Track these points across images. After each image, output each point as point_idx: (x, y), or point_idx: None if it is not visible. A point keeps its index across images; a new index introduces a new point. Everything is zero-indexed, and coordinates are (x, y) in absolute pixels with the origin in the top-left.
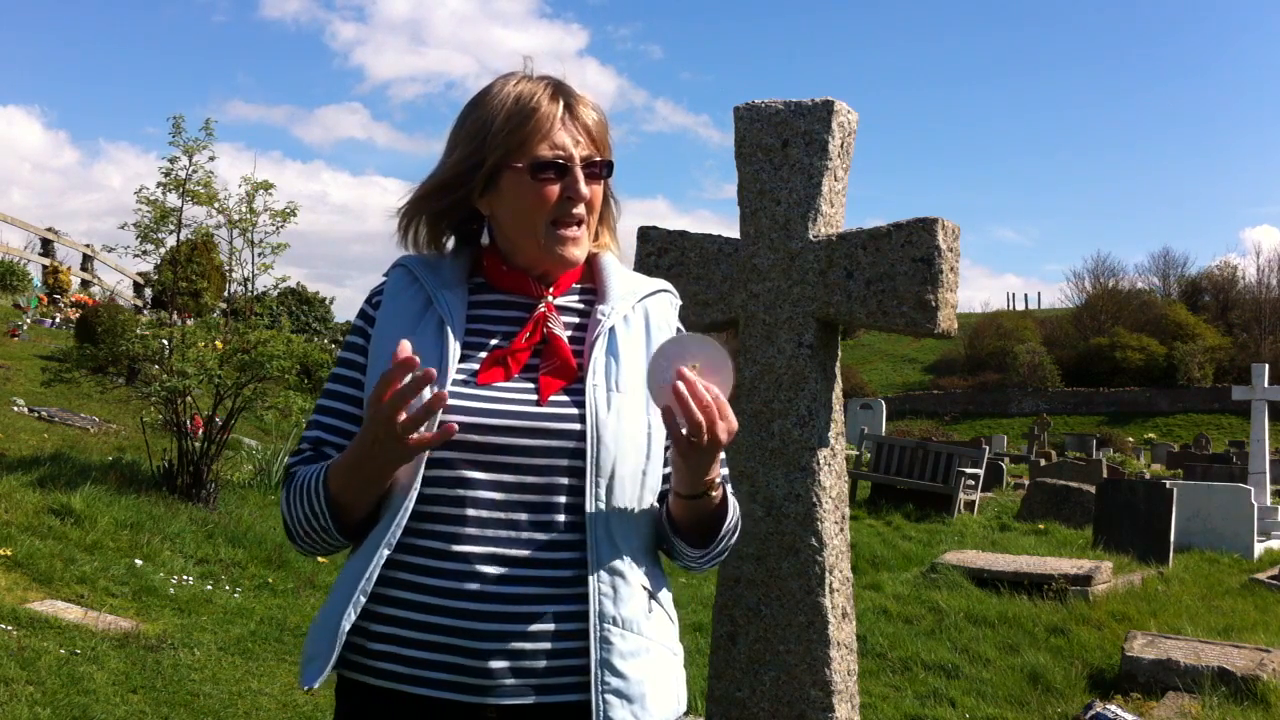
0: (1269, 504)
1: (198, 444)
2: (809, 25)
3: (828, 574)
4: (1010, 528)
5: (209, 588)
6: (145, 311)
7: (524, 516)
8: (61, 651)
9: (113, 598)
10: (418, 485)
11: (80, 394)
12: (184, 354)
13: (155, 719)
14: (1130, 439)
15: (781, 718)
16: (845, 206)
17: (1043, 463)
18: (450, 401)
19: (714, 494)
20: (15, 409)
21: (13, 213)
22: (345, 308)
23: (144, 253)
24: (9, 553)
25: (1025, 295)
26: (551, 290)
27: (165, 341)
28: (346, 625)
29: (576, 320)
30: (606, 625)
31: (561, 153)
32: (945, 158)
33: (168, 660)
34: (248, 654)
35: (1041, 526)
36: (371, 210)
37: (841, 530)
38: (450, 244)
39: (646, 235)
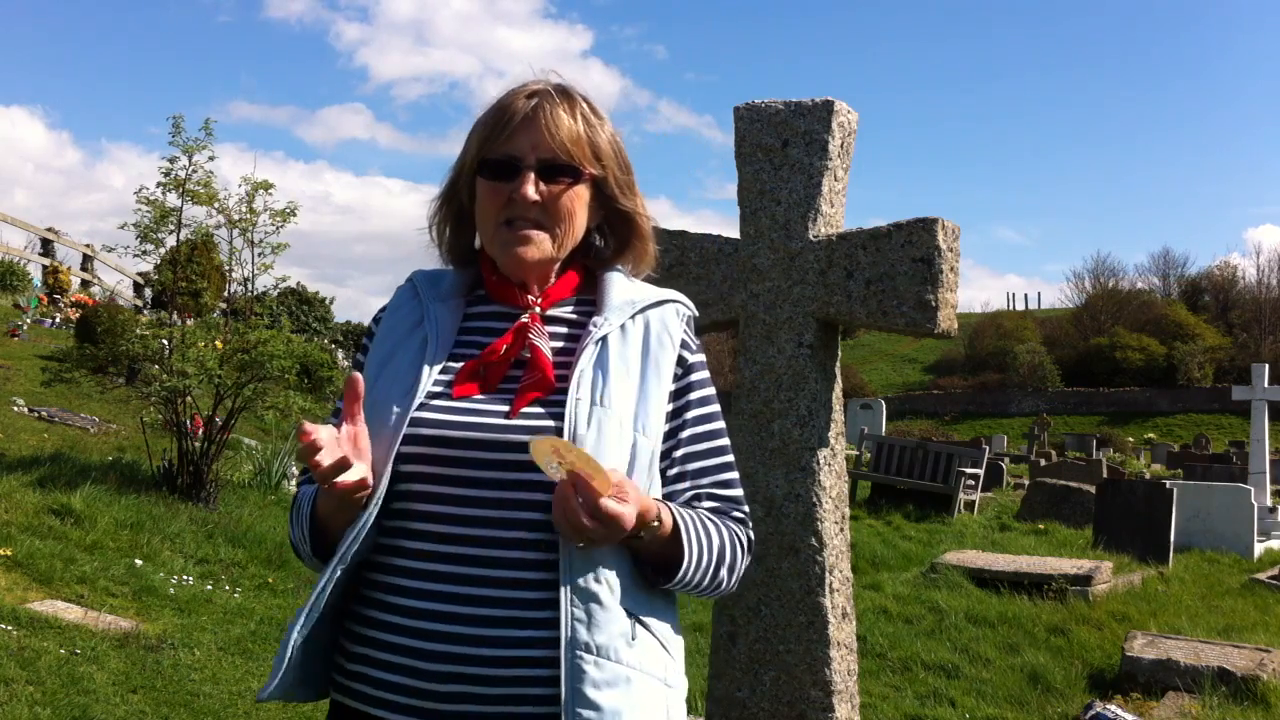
0: (1269, 504)
1: (198, 444)
2: (810, 25)
3: (828, 574)
4: (1010, 528)
5: (209, 588)
6: (145, 311)
7: (491, 533)
8: (61, 651)
9: (113, 598)
10: (377, 503)
11: (80, 394)
12: (184, 354)
13: (155, 719)
14: (1130, 439)
15: (781, 717)
16: (845, 206)
17: (1043, 463)
18: (420, 414)
19: (645, 535)
20: (15, 409)
21: (15, 213)
22: (345, 308)
23: (144, 253)
24: (9, 553)
25: (1025, 295)
26: (539, 300)
27: (165, 341)
28: (298, 639)
29: (568, 331)
30: (578, 652)
31: (513, 153)
32: (945, 158)
33: (168, 660)
34: (248, 654)
35: (1041, 526)
36: (374, 211)
37: (841, 530)
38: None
39: None
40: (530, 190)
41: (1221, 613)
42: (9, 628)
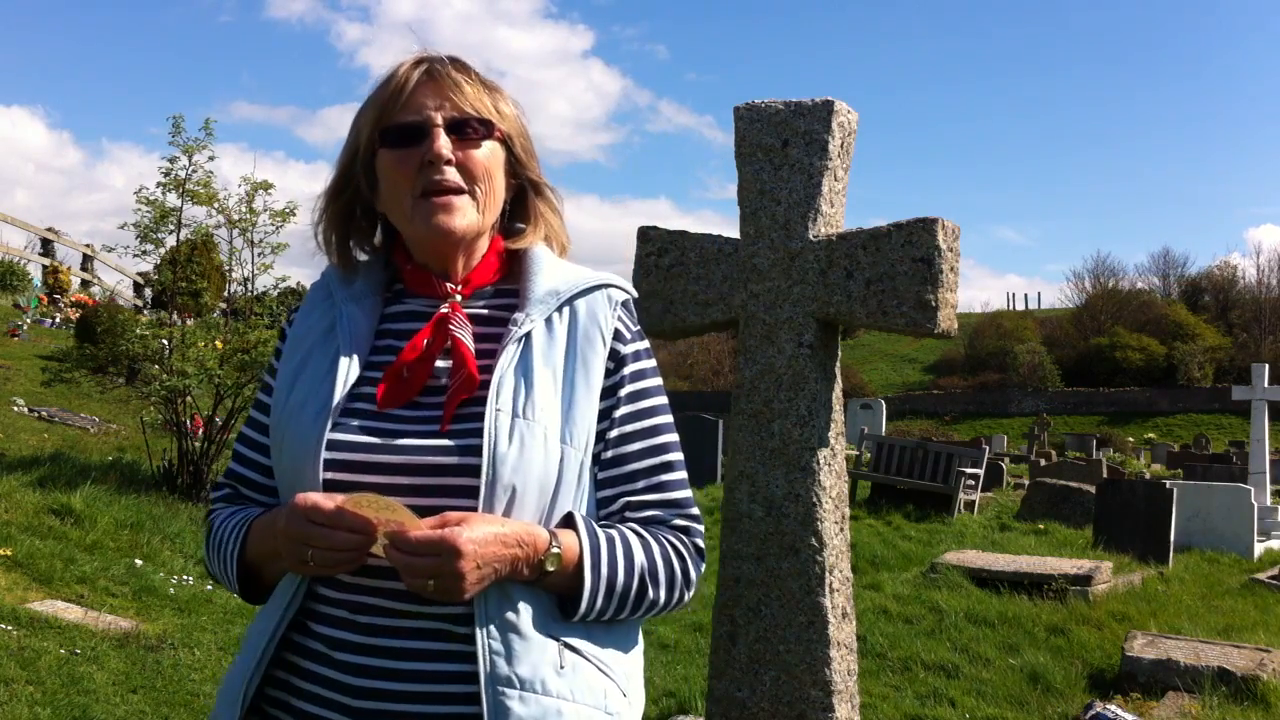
0: (1269, 504)
1: (198, 444)
2: (810, 26)
3: (828, 574)
4: (1010, 528)
5: (209, 588)
6: (145, 311)
7: None
8: (61, 651)
9: (113, 598)
10: None
11: (80, 394)
12: (184, 354)
13: (155, 719)
14: (1130, 439)
15: (781, 717)
16: (845, 206)
17: (1043, 463)
18: (338, 436)
19: (549, 566)
20: (15, 409)
21: (16, 213)
22: None
23: (144, 253)
24: (9, 553)
25: (1025, 295)
26: (459, 288)
27: (165, 341)
28: (250, 690)
29: (487, 330)
30: (500, 687)
31: (417, 115)
32: (945, 158)
33: (168, 660)
34: None
35: (1041, 526)
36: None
37: (841, 530)
38: (361, 254)
39: (646, 235)
40: (444, 147)
41: (1221, 613)
42: (9, 628)
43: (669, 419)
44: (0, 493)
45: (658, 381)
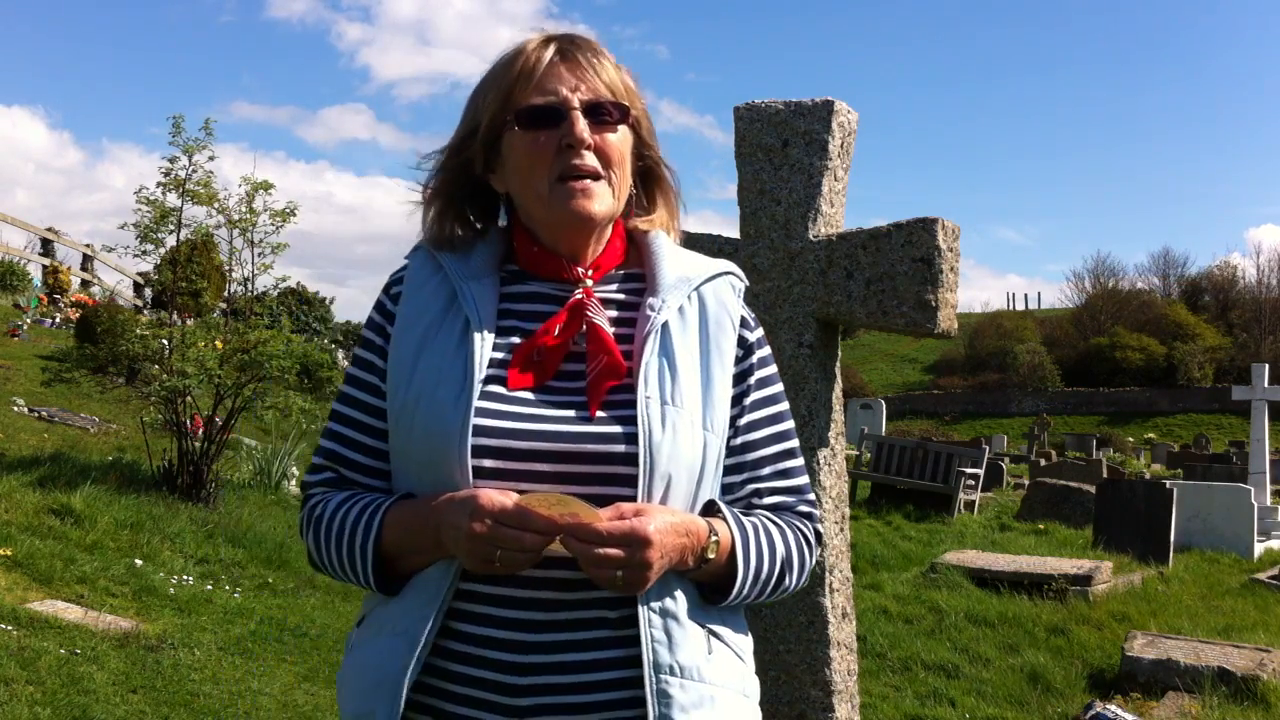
0: (1269, 504)
1: (198, 444)
2: (810, 25)
3: (828, 574)
4: (1010, 528)
5: (209, 588)
6: (145, 311)
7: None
8: (61, 651)
9: (113, 598)
10: None
11: (80, 394)
12: (184, 354)
13: (155, 719)
14: (1130, 439)
15: (781, 717)
16: (845, 206)
17: (1043, 463)
18: (481, 421)
19: (710, 555)
20: (15, 409)
21: (17, 213)
22: (346, 308)
23: (144, 253)
24: (9, 553)
25: (1025, 295)
26: (590, 272)
27: (165, 341)
28: (408, 682)
29: (619, 314)
30: (663, 675)
31: (553, 97)
32: (945, 158)
33: (168, 660)
34: (248, 654)
35: (1041, 526)
36: (375, 211)
37: (841, 530)
38: (462, 231)
39: None
40: (584, 131)
41: (1221, 613)
42: (9, 628)
43: (788, 407)
44: (0, 493)
45: (776, 369)
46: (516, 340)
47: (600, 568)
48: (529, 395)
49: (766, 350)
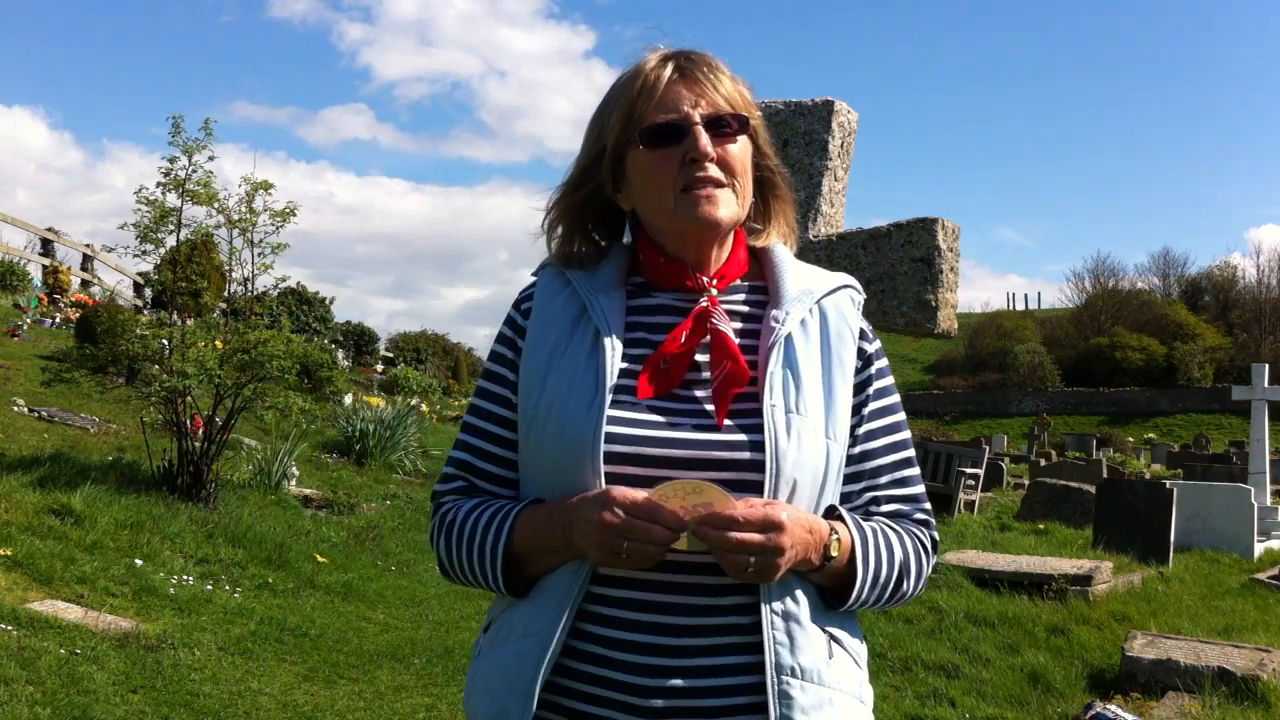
0: (1269, 504)
1: (198, 444)
2: (811, 26)
3: None
4: (1010, 528)
5: (209, 588)
6: (145, 311)
7: (692, 557)
8: (61, 651)
9: (113, 598)
10: None
11: (80, 394)
12: (184, 354)
13: (155, 719)
14: (1130, 439)
15: None
16: (845, 206)
17: (1043, 463)
18: (613, 429)
19: (833, 555)
20: (15, 409)
21: (18, 213)
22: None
23: (144, 253)
24: (9, 553)
25: (1026, 295)
26: (714, 281)
27: (165, 341)
28: (540, 681)
29: (743, 325)
30: (784, 677)
31: (675, 114)
32: (946, 158)
33: (168, 660)
34: (248, 654)
35: (1041, 526)
36: (376, 211)
37: None
38: (587, 249)
39: None
40: (708, 144)
41: (1222, 613)
42: (9, 628)
43: (905, 417)
44: (0, 493)
45: (894, 381)
46: (644, 351)
47: (735, 552)
48: (654, 403)
49: (884, 362)
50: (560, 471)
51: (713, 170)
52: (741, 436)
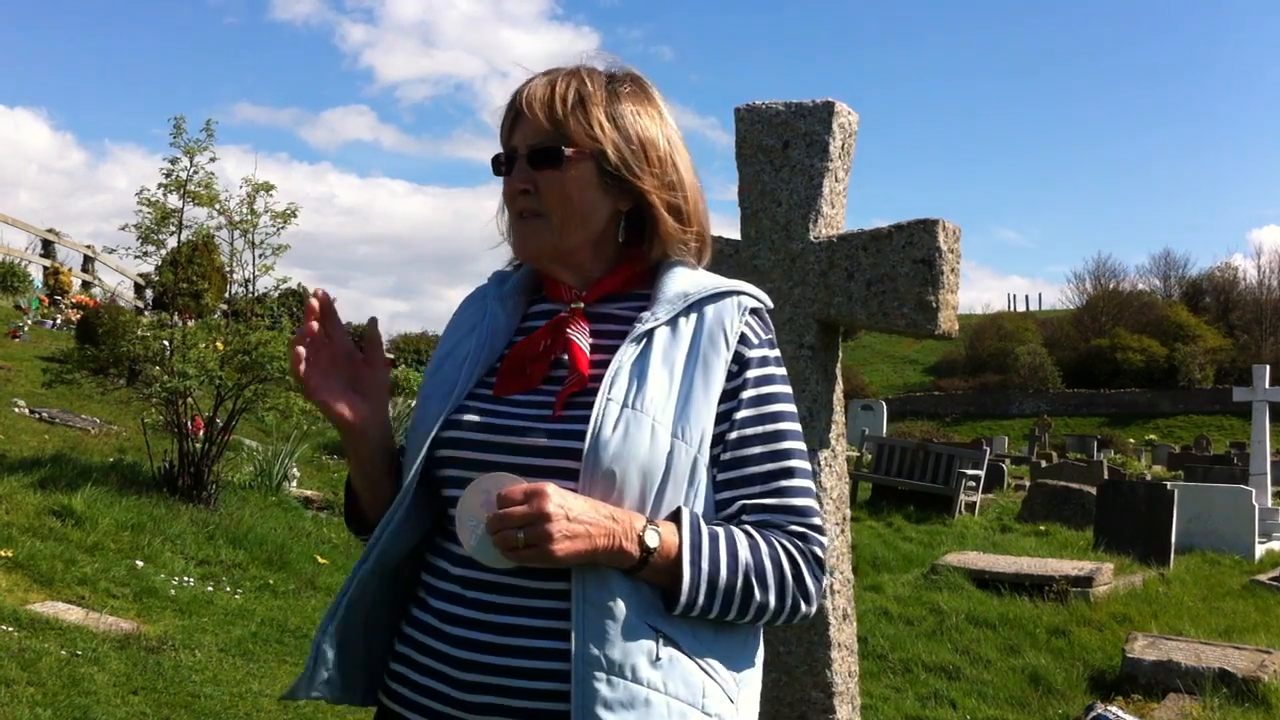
0: (1270, 505)
1: (198, 445)
2: (811, 26)
3: (828, 575)
4: (1011, 529)
5: (210, 589)
6: (146, 313)
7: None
8: (62, 653)
9: (114, 599)
10: (404, 495)
11: (81, 395)
12: (185, 355)
13: None
14: (1131, 440)
15: (782, 719)
16: (846, 207)
17: (1043, 464)
18: (457, 416)
19: (653, 563)
20: (16, 410)
21: (20, 214)
22: (347, 309)
23: (145, 254)
24: (10, 554)
25: (1026, 296)
26: (581, 293)
27: (166, 343)
28: (324, 642)
29: (617, 328)
30: (588, 668)
31: (510, 145)
32: (946, 158)
33: (169, 661)
34: (249, 655)
35: (1042, 528)
36: (378, 213)
37: (842, 532)
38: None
39: None
40: (517, 180)
41: (1222, 614)
42: (10, 629)
43: (795, 426)
44: (1, 494)
45: (785, 389)
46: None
47: (502, 525)
48: (518, 398)
49: (771, 370)
50: (410, 455)
51: (527, 202)
52: (570, 427)
